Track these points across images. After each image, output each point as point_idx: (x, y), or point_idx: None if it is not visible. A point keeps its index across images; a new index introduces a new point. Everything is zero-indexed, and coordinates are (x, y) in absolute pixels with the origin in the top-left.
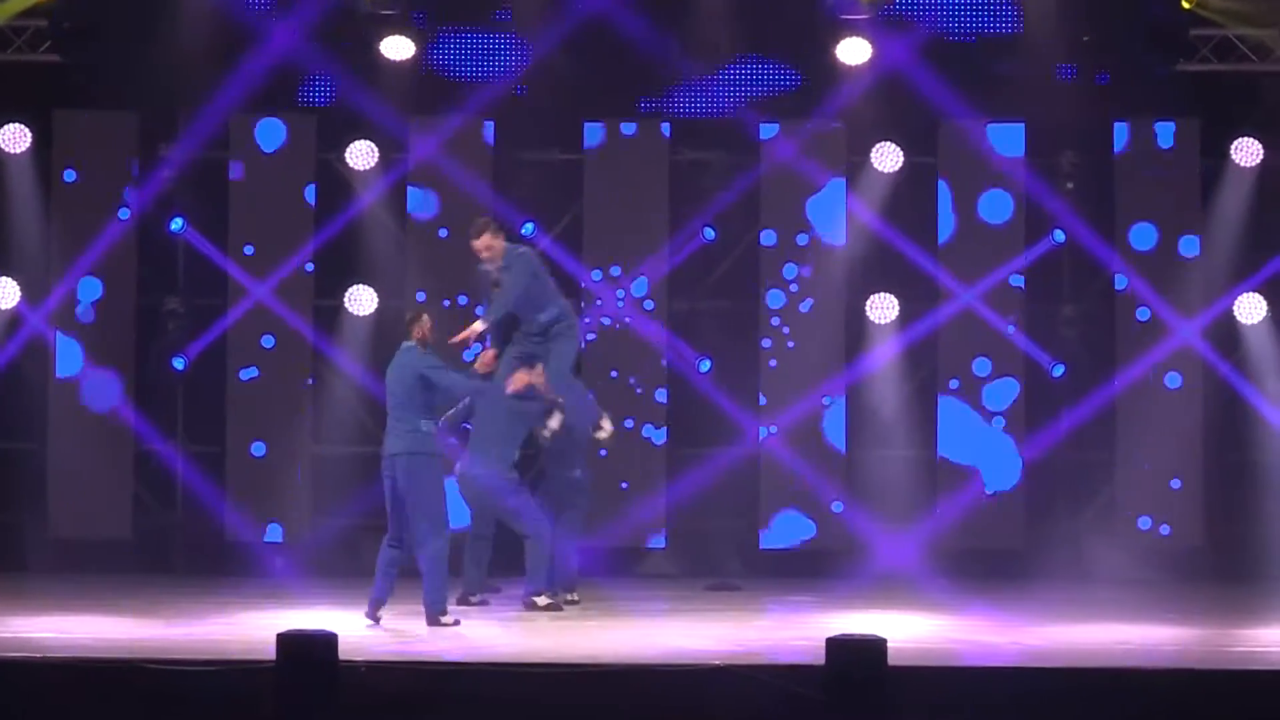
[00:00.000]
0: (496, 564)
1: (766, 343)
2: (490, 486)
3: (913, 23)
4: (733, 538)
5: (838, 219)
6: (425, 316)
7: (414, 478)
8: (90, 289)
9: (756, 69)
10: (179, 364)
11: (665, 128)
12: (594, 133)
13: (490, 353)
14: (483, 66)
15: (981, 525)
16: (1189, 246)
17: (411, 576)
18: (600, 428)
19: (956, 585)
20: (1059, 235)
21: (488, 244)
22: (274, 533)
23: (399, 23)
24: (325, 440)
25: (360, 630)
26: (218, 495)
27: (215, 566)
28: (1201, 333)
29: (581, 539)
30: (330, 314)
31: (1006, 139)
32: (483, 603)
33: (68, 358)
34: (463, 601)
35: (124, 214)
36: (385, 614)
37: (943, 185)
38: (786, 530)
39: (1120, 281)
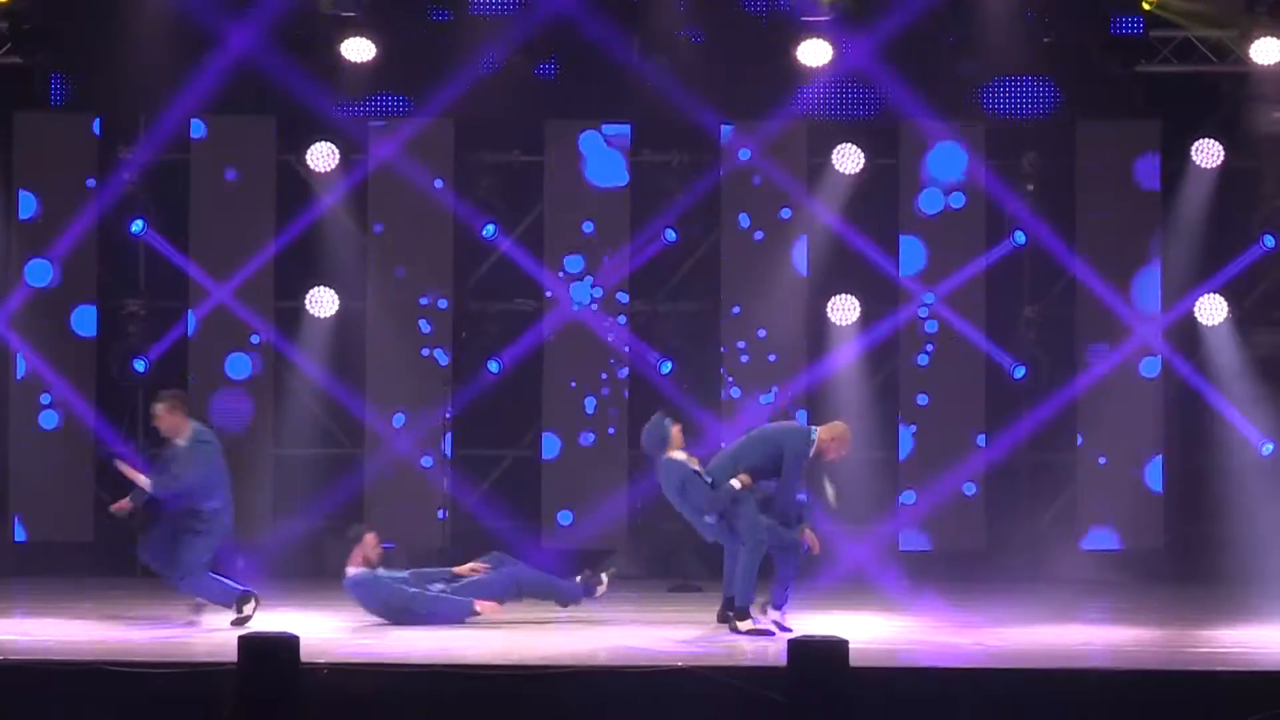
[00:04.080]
0: None
1: (727, 345)
2: None
3: (874, 23)
4: (695, 539)
5: (800, 219)
6: None
7: None
8: (49, 290)
9: (718, 70)
10: (140, 366)
11: (627, 129)
12: (555, 134)
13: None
14: (444, 68)
15: (943, 526)
16: (1149, 248)
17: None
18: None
19: (917, 587)
20: (1020, 237)
21: (162, 416)
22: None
23: (359, 24)
24: (286, 442)
25: (322, 632)
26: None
27: None
28: (1163, 334)
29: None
30: (291, 315)
31: (967, 140)
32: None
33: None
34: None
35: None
36: (349, 619)
37: (903, 186)
38: None
39: (1081, 285)
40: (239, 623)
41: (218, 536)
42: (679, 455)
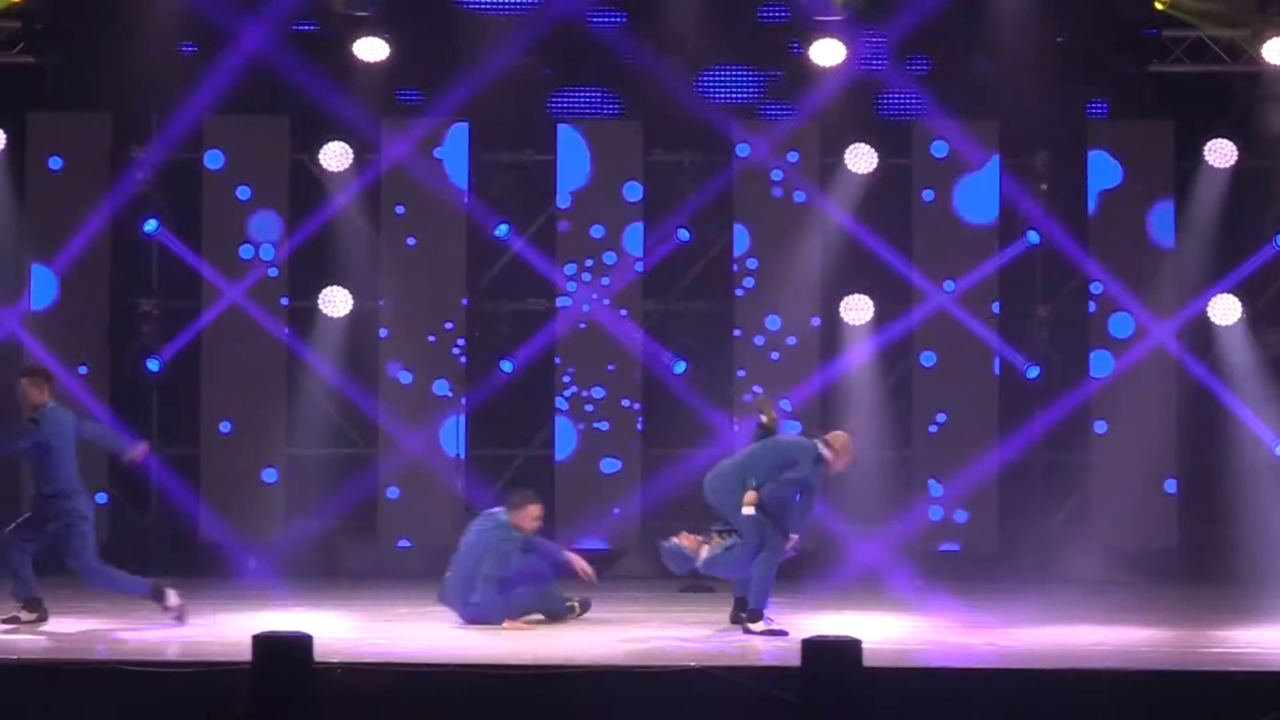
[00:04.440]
0: None
1: (741, 343)
2: None
3: (887, 23)
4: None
5: (813, 219)
6: None
7: None
8: (64, 290)
9: (730, 70)
10: (153, 366)
11: (638, 128)
12: (568, 134)
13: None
14: (457, 68)
15: (956, 526)
16: (1164, 248)
17: (382, 578)
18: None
19: (931, 587)
20: (1033, 236)
21: (25, 391)
22: (248, 535)
23: (372, 24)
24: (299, 442)
25: (335, 632)
26: (192, 497)
27: (189, 568)
28: (1176, 334)
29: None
30: (304, 315)
31: (980, 140)
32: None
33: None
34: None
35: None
36: (361, 617)
37: (916, 186)
38: None
39: (1095, 285)
40: (178, 617)
41: (88, 527)
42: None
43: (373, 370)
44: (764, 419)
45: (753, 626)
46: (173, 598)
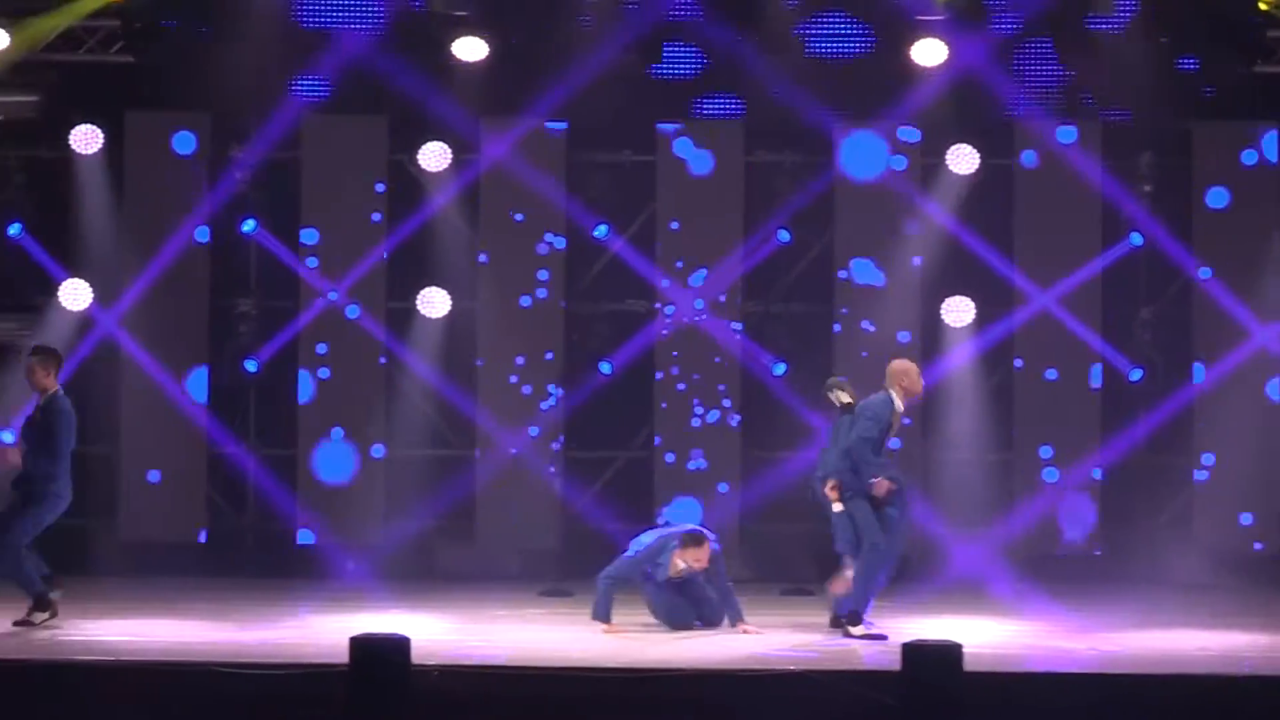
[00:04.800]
0: None
1: (840, 344)
2: None
3: (989, 23)
4: (807, 541)
5: (914, 221)
6: None
7: None
8: (162, 291)
9: (831, 70)
10: (251, 366)
11: (739, 129)
12: (667, 134)
13: None
14: (555, 68)
15: (1058, 529)
16: (1267, 249)
17: (480, 580)
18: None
19: (1032, 590)
20: (1136, 238)
21: (34, 371)
22: (347, 536)
23: (470, 24)
24: (397, 443)
25: (433, 634)
26: (290, 498)
27: (287, 570)
28: None
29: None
30: (403, 316)
31: (1083, 140)
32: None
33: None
34: None
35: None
36: (458, 619)
37: (1019, 187)
38: None
39: (1199, 282)
40: (23, 624)
41: (51, 516)
42: None
43: (470, 371)
44: (845, 400)
45: (852, 630)
46: (40, 618)
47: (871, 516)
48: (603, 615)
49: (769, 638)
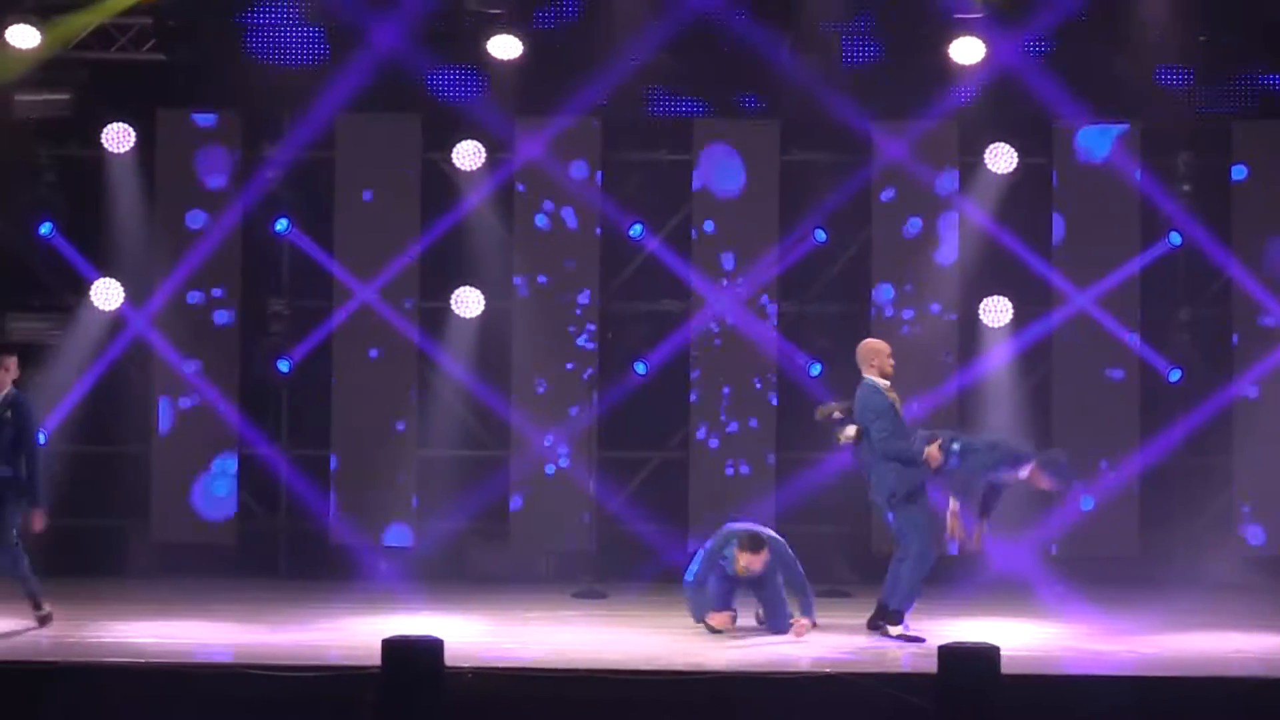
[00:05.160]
0: None
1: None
2: None
3: (1027, 20)
4: (842, 542)
5: (950, 220)
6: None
7: None
8: (191, 291)
9: (868, 68)
10: (284, 366)
11: (775, 127)
12: (703, 133)
13: None
14: (592, 65)
15: (1095, 531)
16: None
17: (513, 581)
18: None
19: (1071, 592)
20: (1175, 238)
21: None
22: (379, 537)
23: (505, 21)
24: (430, 443)
25: (467, 635)
26: (322, 499)
27: (319, 571)
28: None
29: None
30: (436, 316)
31: (1122, 139)
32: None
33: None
34: None
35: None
36: (492, 621)
37: (1056, 187)
38: None
39: (1237, 287)
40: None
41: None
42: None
43: (504, 372)
44: (840, 414)
45: (891, 629)
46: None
47: (923, 522)
48: (699, 615)
49: (804, 638)
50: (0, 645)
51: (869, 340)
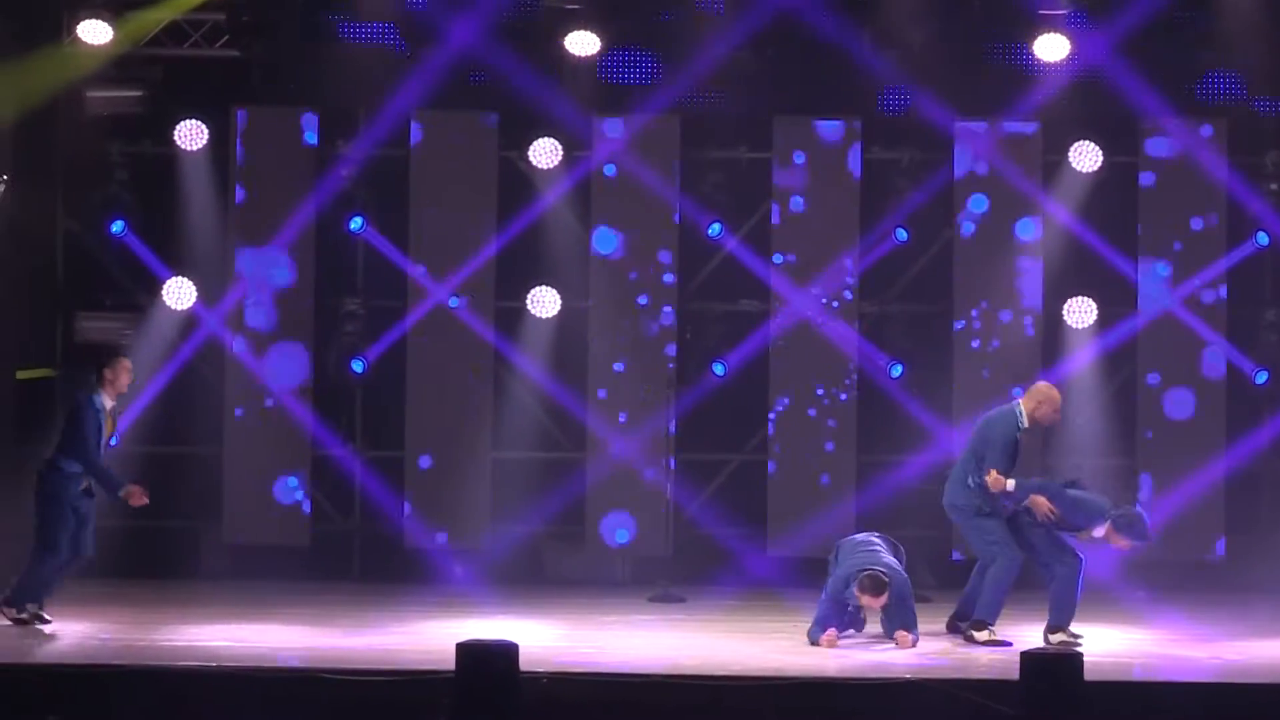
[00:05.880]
0: None
1: (959, 345)
2: None
3: (1113, 17)
4: (924, 548)
5: (1034, 220)
6: None
7: None
8: (270, 290)
9: (950, 65)
10: (358, 367)
11: (857, 125)
12: (784, 130)
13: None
14: (671, 62)
15: (1181, 536)
16: None
17: (589, 585)
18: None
19: (1155, 598)
20: (1263, 238)
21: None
22: (454, 540)
23: (583, 17)
24: (506, 445)
25: (542, 640)
26: (396, 501)
27: (393, 574)
28: None
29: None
30: (512, 316)
31: (1210, 137)
32: None
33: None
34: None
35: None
36: (568, 625)
37: (1143, 186)
38: None
39: None
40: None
41: None
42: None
43: (580, 372)
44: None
45: (977, 635)
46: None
47: (1001, 534)
48: (814, 634)
49: (885, 645)
50: (70, 647)
51: (1051, 386)
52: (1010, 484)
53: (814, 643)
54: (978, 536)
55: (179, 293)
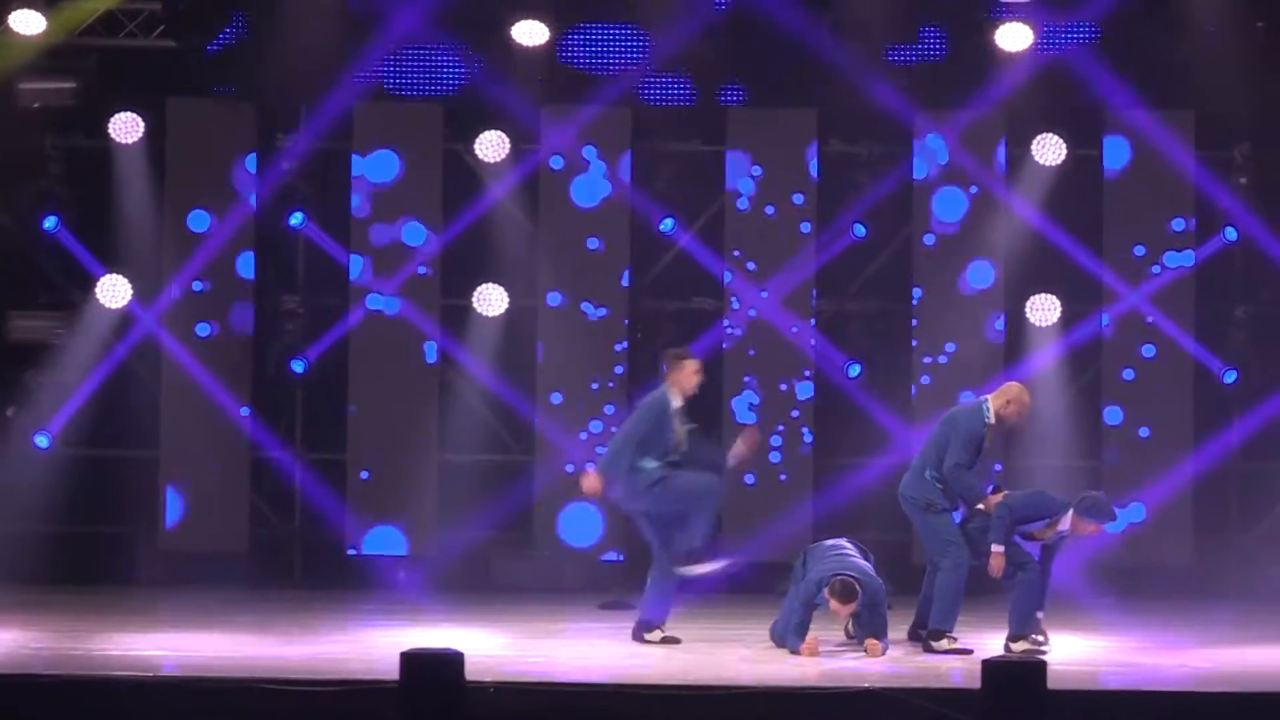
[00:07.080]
0: None
1: (920, 344)
2: None
3: (1077, 7)
4: (883, 553)
5: (997, 214)
6: None
7: None
8: (204, 288)
9: (910, 55)
10: (298, 367)
11: (815, 116)
12: (738, 122)
13: None
14: (620, 53)
15: (1147, 540)
16: None
17: (538, 592)
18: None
19: (1121, 603)
20: (1231, 233)
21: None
22: (397, 545)
23: (531, 6)
24: (451, 447)
25: (488, 649)
26: (338, 505)
27: (336, 580)
28: None
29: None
30: (458, 314)
31: (1175, 131)
32: None
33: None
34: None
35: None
36: (516, 633)
37: (1106, 179)
38: None
39: None
40: None
41: None
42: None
43: (529, 373)
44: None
45: (936, 645)
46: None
47: (954, 534)
48: (793, 644)
49: (845, 650)
50: (0, 656)
51: (1024, 389)
52: (994, 499)
53: (794, 651)
54: (928, 531)
55: (113, 290)
